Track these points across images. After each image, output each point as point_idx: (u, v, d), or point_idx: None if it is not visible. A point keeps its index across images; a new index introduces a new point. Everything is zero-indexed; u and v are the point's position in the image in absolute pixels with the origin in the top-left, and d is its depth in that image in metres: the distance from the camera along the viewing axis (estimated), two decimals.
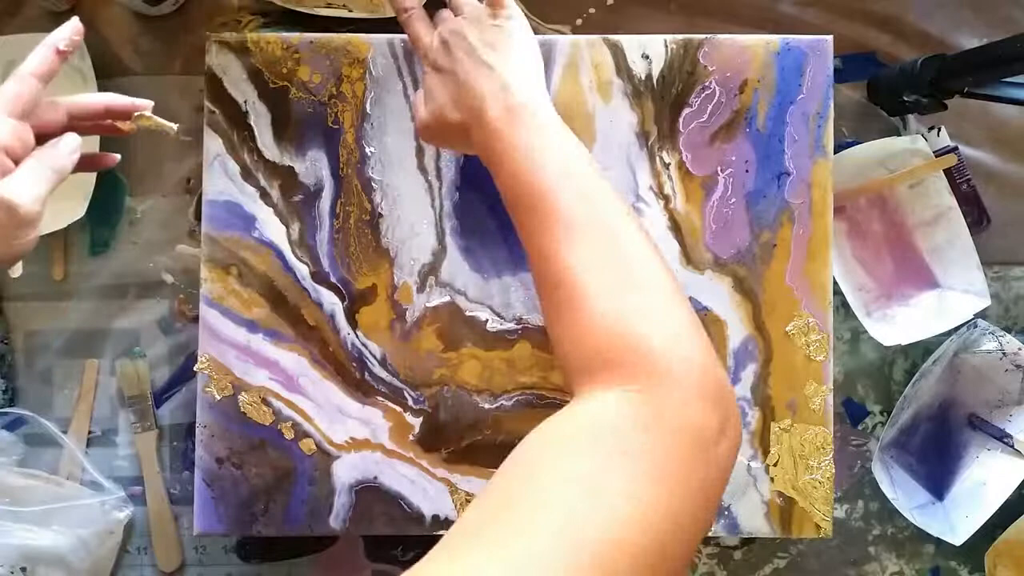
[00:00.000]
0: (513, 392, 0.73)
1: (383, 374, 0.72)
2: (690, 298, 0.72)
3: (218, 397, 0.72)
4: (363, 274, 0.73)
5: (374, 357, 0.72)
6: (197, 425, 0.72)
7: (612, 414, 0.43)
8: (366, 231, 0.73)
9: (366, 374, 0.72)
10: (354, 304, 0.73)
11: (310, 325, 0.72)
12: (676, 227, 0.72)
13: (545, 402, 0.73)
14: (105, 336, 0.79)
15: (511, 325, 0.73)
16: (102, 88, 0.75)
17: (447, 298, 0.73)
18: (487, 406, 0.73)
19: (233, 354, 0.72)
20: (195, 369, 0.72)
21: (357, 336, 0.73)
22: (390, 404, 0.72)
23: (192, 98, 0.79)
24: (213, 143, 0.72)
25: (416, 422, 0.72)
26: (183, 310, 0.79)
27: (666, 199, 0.72)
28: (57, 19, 0.79)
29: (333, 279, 0.72)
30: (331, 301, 0.72)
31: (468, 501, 0.72)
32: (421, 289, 0.73)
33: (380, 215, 0.72)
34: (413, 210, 0.73)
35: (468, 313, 0.73)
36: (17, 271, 0.75)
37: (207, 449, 0.72)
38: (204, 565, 0.79)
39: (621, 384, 0.44)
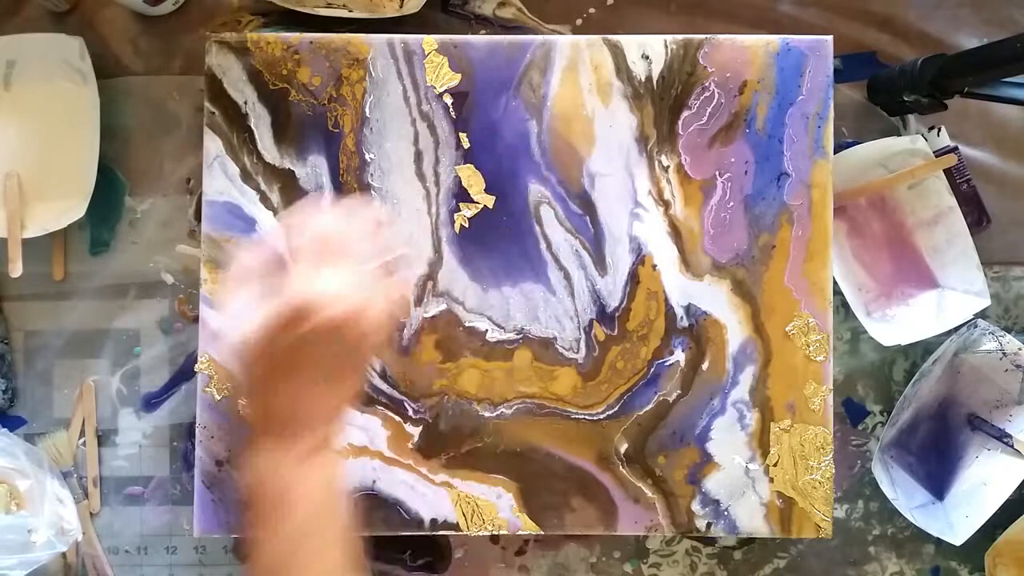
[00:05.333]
0: (513, 401, 0.73)
1: (383, 386, 0.72)
2: (689, 304, 0.72)
3: (218, 397, 0.72)
4: None
5: (373, 370, 0.72)
6: (197, 426, 0.72)
7: None
8: None
9: (365, 385, 0.72)
10: None
11: None
12: (675, 232, 0.72)
13: (545, 411, 0.73)
14: (105, 336, 0.79)
15: (511, 335, 0.73)
16: (102, 87, 0.75)
17: (444, 307, 0.72)
18: (487, 415, 0.73)
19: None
20: (195, 369, 0.72)
21: None
22: (390, 414, 0.72)
23: (192, 98, 0.79)
24: (213, 144, 0.72)
25: (415, 431, 0.72)
26: (183, 310, 0.79)
27: (666, 205, 0.72)
28: (57, 19, 0.79)
29: None
30: None
31: (469, 503, 0.72)
32: (419, 302, 0.73)
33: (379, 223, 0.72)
34: (411, 217, 0.73)
35: (467, 323, 0.73)
36: (17, 271, 0.75)
37: (207, 451, 0.72)
38: (204, 565, 0.79)
39: None
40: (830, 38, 0.73)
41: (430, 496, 0.72)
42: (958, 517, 0.76)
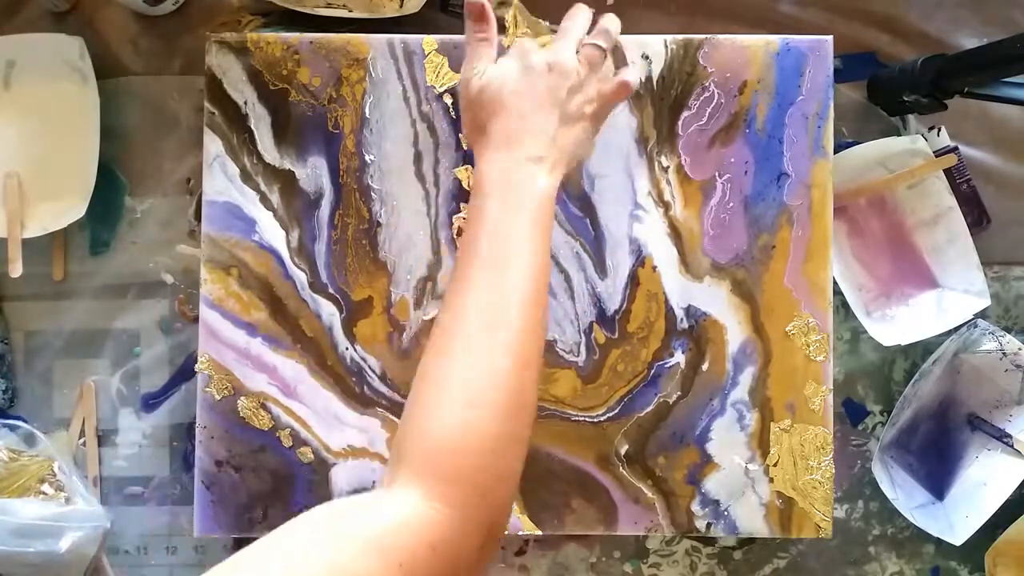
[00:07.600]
0: None
1: (383, 388, 0.72)
2: (689, 305, 0.72)
3: (218, 397, 0.72)
4: (359, 286, 0.72)
5: (373, 372, 0.72)
6: (197, 426, 0.72)
7: (408, 524, 0.44)
8: (364, 242, 0.72)
9: (365, 388, 0.72)
10: (351, 316, 0.72)
11: (308, 336, 0.72)
12: (676, 234, 0.72)
13: (545, 413, 0.73)
14: (105, 336, 0.79)
15: None
16: (102, 87, 0.75)
17: None
18: None
19: (232, 356, 0.72)
20: (195, 369, 0.72)
21: (356, 350, 0.72)
22: (389, 416, 0.72)
23: (192, 98, 0.79)
24: (213, 144, 0.72)
25: None
26: (183, 310, 0.79)
27: (666, 206, 0.72)
28: (57, 19, 0.79)
29: (331, 290, 0.72)
30: (329, 312, 0.72)
31: None
32: (418, 304, 0.73)
33: (378, 224, 0.72)
34: (410, 219, 0.73)
35: None
36: (17, 271, 0.75)
37: (207, 451, 0.72)
38: (204, 565, 0.79)
39: (427, 493, 0.45)
40: (830, 38, 0.73)
41: None
42: (958, 517, 0.76)
